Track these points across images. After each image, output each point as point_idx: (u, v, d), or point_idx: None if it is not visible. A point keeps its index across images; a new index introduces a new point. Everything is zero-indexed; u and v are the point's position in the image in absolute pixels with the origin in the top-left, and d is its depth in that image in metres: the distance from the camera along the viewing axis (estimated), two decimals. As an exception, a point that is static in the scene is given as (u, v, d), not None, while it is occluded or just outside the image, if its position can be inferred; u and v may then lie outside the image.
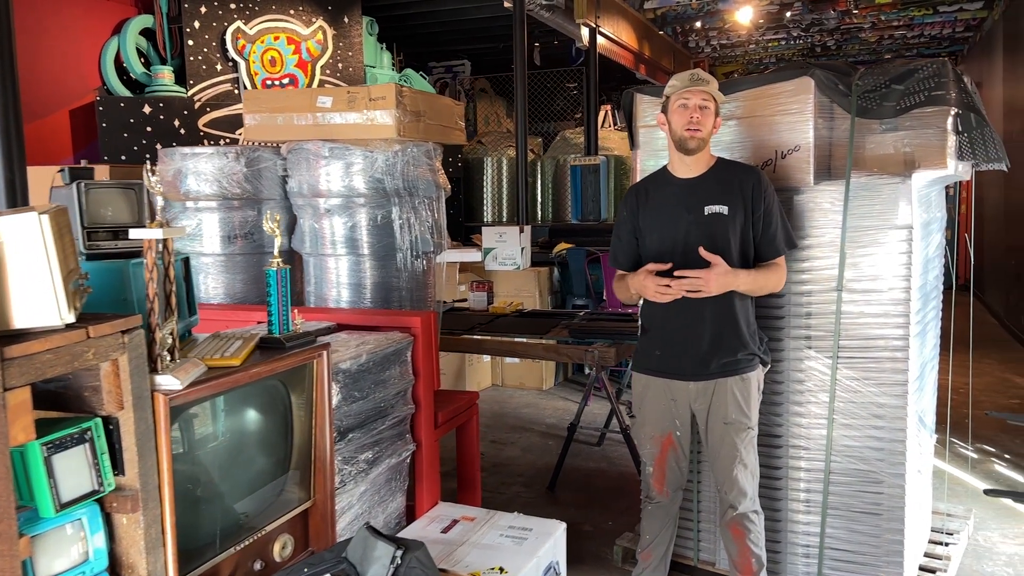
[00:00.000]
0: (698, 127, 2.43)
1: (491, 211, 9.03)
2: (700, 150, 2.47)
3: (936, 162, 2.59)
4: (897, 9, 9.65)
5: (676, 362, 2.54)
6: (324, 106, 2.68)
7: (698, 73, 2.48)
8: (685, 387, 2.53)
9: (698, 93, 2.44)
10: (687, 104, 2.44)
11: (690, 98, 2.44)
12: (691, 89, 2.44)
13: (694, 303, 2.49)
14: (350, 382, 2.24)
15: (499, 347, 4.01)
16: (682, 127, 2.45)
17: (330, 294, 2.88)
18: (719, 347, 2.49)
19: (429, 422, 2.62)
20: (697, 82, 2.45)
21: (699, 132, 2.43)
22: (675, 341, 2.54)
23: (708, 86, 2.45)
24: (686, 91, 2.45)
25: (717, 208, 2.47)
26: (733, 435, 2.50)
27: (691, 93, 2.44)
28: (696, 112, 2.43)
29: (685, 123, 2.44)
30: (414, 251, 2.83)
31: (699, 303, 2.48)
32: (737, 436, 2.50)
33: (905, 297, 2.58)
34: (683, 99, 2.46)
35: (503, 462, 4.46)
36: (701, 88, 2.44)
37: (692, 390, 2.53)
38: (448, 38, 9.53)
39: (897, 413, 2.63)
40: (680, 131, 2.46)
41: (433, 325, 2.61)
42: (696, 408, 2.55)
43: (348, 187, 2.79)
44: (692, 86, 2.44)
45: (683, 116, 2.45)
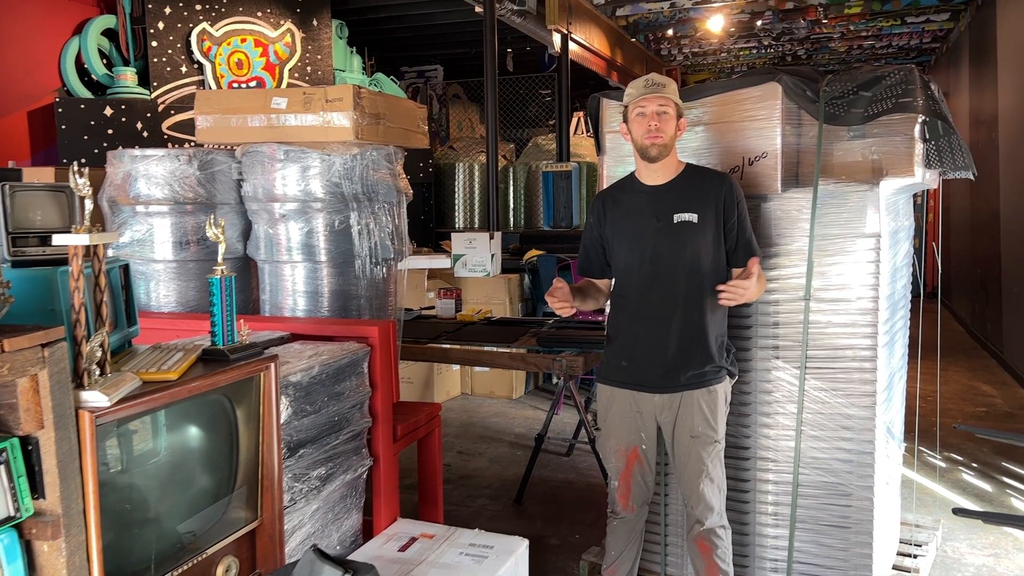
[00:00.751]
0: (658, 134, 2.36)
1: (463, 217, 8.95)
2: (663, 156, 2.41)
3: (904, 170, 2.55)
4: (866, 19, 9.74)
5: (642, 374, 2.47)
6: (279, 107, 2.58)
7: (652, 78, 2.42)
8: (651, 399, 2.47)
9: (654, 99, 2.37)
10: (644, 112, 2.38)
11: (647, 105, 2.38)
12: (647, 96, 2.38)
13: (662, 313, 2.43)
14: (301, 395, 2.14)
15: (466, 356, 3.92)
16: (642, 136, 2.39)
17: (286, 302, 2.78)
18: (686, 359, 2.43)
19: (387, 436, 2.53)
20: (652, 88, 2.38)
21: (659, 139, 2.37)
22: (641, 352, 2.48)
23: (664, 90, 2.38)
24: (642, 99, 2.39)
25: (687, 216, 2.41)
26: (699, 449, 2.44)
27: (647, 100, 2.38)
28: (654, 119, 2.37)
29: (644, 131, 2.38)
30: (373, 258, 2.73)
31: (667, 313, 2.42)
32: (703, 450, 2.44)
33: (873, 307, 2.54)
34: (640, 107, 2.40)
35: (470, 474, 4.37)
36: (657, 94, 2.37)
37: (658, 402, 2.46)
38: (420, 43, 9.45)
39: (865, 424, 2.58)
40: (641, 140, 2.40)
41: (392, 335, 2.53)
42: (662, 421, 2.49)
43: (304, 191, 2.69)
44: (648, 93, 2.38)
45: (642, 124, 2.39)
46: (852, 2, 8.76)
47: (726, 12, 9.14)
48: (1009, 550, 3.33)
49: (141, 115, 5.98)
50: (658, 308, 2.44)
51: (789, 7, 8.94)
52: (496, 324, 4.44)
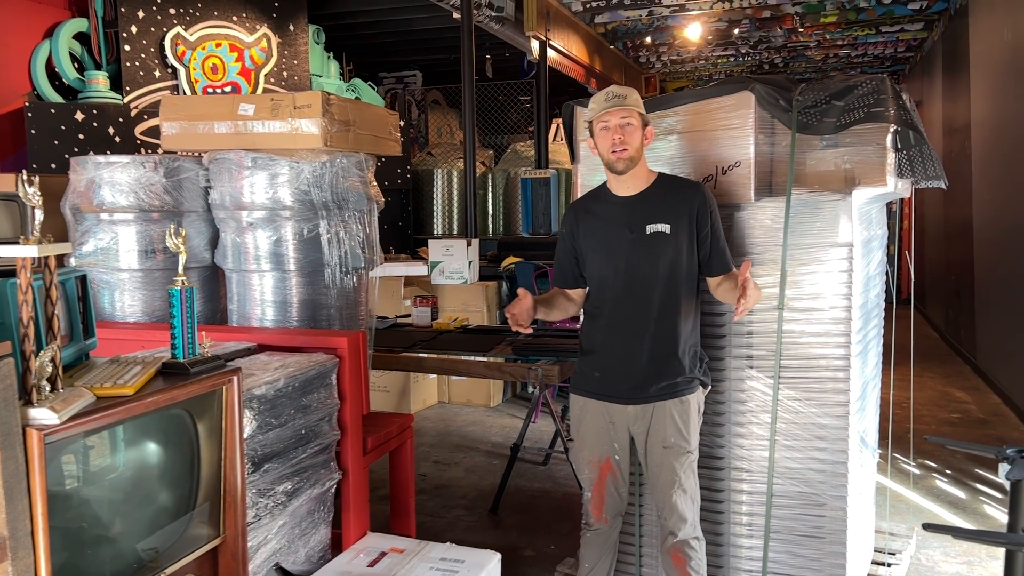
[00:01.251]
0: (623, 147, 2.34)
1: (441, 223, 8.91)
2: (631, 168, 2.39)
3: (876, 179, 2.55)
4: (841, 28, 9.84)
5: (615, 385, 2.45)
6: (246, 114, 2.53)
7: (613, 90, 2.39)
8: (623, 410, 2.45)
9: (616, 112, 2.35)
10: (608, 126, 2.37)
11: (609, 119, 2.36)
12: (609, 110, 2.36)
13: (635, 324, 2.41)
14: (266, 409, 2.10)
15: (441, 366, 3.89)
16: (607, 150, 2.38)
17: (254, 312, 2.73)
18: (659, 370, 2.41)
19: (357, 448, 2.49)
20: (613, 101, 2.36)
21: (625, 152, 2.35)
22: (614, 364, 2.46)
23: (626, 101, 2.36)
24: (604, 113, 2.37)
25: (659, 227, 2.39)
26: (672, 459, 2.42)
27: (609, 114, 2.36)
28: (618, 132, 2.35)
29: (609, 146, 2.36)
30: (343, 267, 2.69)
31: (641, 324, 2.41)
32: (676, 460, 2.42)
33: (846, 316, 2.53)
34: (603, 122, 2.38)
35: (445, 483, 4.32)
36: (619, 106, 2.35)
37: (631, 413, 2.44)
38: (399, 48, 9.41)
39: (839, 434, 2.57)
40: (607, 154, 2.39)
41: (362, 345, 2.48)
42: (635, 431, 2.47)
43: (273, 199, 2.64)
44: (609, 107, 2.36)
45: (606, 139, 2.37)
46: (828, 11, 8.84)
47: (704, 20, 9.19)
48: (983, 558, 3.34)
49: (113, 120, 5.89)
50: (632, 319, 2.42)
51: (766, 16, 9.01)
52: (472, 332, 4.40)
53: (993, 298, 6.48)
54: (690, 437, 2.44)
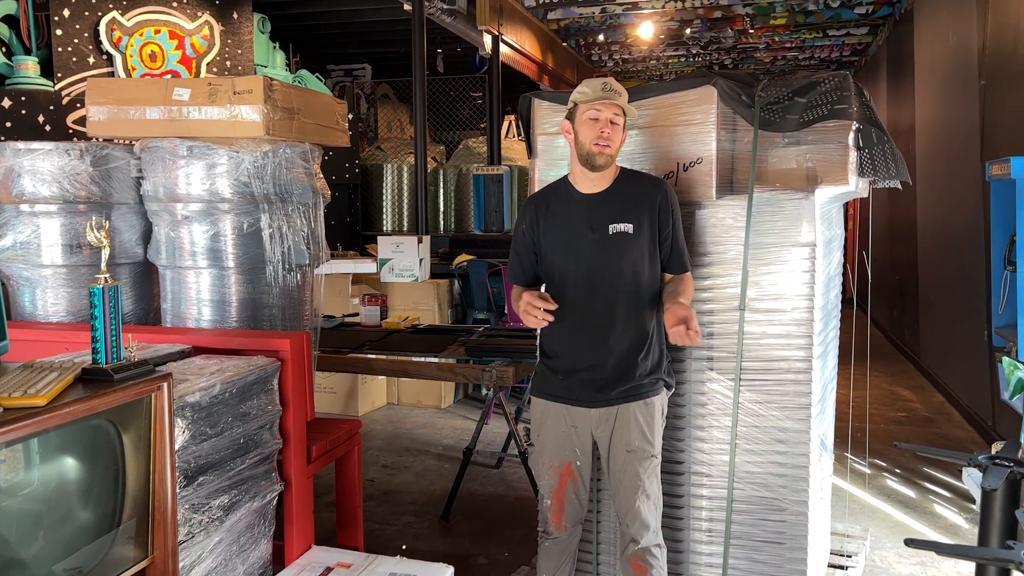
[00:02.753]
0: (608, 143, 2.25)
1: (391, 220, 8.73)
2: (607, 166, 2.30)
3: (838, 178, 2.51)
4: (790, 31, 9.96)
5: (578, 388, 2.36)
6: (181, 99, 2.35)
7: (611, 83, 2.28)
8: (586, 414, 2.36)
9: (610, 106, 2.25)
10: (598, 117, 2.26)
11: (602, 111, 2.25)
12: (604, 102, 2.25)
13: (599, 327, 2.33)
14: (201, 417, 1.94)
15: (390, 367, 3.75)
16: (591, 141, 2.26)
17: (189, 312, 2.54)
18: (623, 372, 2.33)
19: (300, 457, 2.34)
20: (611, 93, 2.25)
21: (608, 148, 2.26)
22: (577, 366, 2.36)
23: (620, 99, 2.27)
24: (599, 103, 2.26)
25: (622, 226, 2.30)
26: (636, 464, 2.34)
27: (603, 106, 2.25)
28: (607, 127, 2.25)
29: (595, 137, 2.25)
30: (286, 264, 2.53)
31: (604, 327, 2.32)
32: (640, 465, 2.34)
33: (808, 317, 2.48)
34: (595, 110, 2.26)
35: (395, 488, 4.18)
36: (614, 101, 2.25)
37: (594, 416, 2.36)
38: (347, 40, 9.19)
39: (800, 438, 2.52)
40: (589, 145, 2.27)
41: (306, 348, 2.33)
42: (598, 435, 2.38)
43: (210, 191, 2.47)
44: (604, 98, 2.25)
45: (593, 129, 2.26)
46: (778, 13, 8.93)
47: (656, 19, 9.20)
48: (935, 558, 3.34)
49: (43, 108, 5.57)
50: (595, 322, 2.33)
51: (717, 16, 9.06)
52: (423, 332, 4.26)
53: (936, 298, 6.60)
54: (654, 440, 2.36)
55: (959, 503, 3.94)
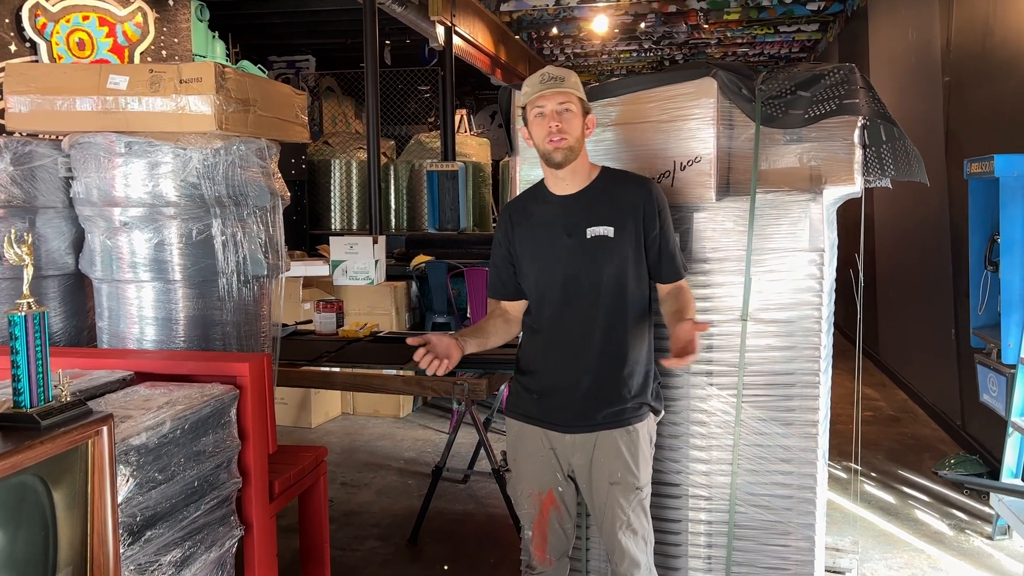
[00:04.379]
0: (562, 135, 2.02)
1: (340, 218, 8.38)
2: (570, 161, 2.06)
3: (844, 178, 2.34)
4: (742, 27, 9.94)
5: (554, 411, 2.14)
6: (118, 88, 2.04)
7: (549, 71, 2.07)
8: (563, 439, 2.14)
9: (553, 96, 2.03)
10: (544, 111, 2.04)
11: (545, 104, 2.04)
12: (544, 93, 2.03)
13: (577, 342, 2.11)
14: (148, 462, 1.65)
15: (352, 381, 3.47)
16: (544, 139, 2.05)
17: (130, 332, 2.23)
18: (604, 394, 2.10)
19: (262, 496, 2.06)
20: (550, 83, 2.03)
21: (564, 141, 2.02)
22: (554, 386, 2.14)
23: (564, 84, 2.04)
24: (539, 97, 2.04)
25: (602, 230, 2.07)
26: (619, 496, 2.11)
27: (545, 98, 2.04)
28: (555, 119, 2.02)
29: (545, 135, 2.04)
30: (241, 275, 2.23)
31: (583, 342, 2.10)
32: (624, 498, 2.11)
33: (816, 328, 2.31)
34: (538, 107, 2.05)
35: (356, 509, 3.90)
36: (556, 88, 2.03)
37: (569, 443, 2.13)
38: (290, 30, 8.79)
39: (807, 457, 2.36)
40: (542, 144, 2.06)
41: (267, 371, 2.05)
42: (575, 464, 2.15)
43: (153, 193, 2.15)
44: (545, 89, 2.03)
45: (542, 127, 2.05)
46: (731, 8, 8.87)
47: (610, 13, 9.05)
48: (925, 569, 3.24)
49: (-43, 98, 5.08)
50: (573, 336, 2.11)
51: (672, 11, 8.96)
52: (385, 341, 3.98)
53: (894, 296, 6.61)
54: (639, 472, 2.13)
55: (939, 508, 3.87)
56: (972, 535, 3.55)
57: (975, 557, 3.34)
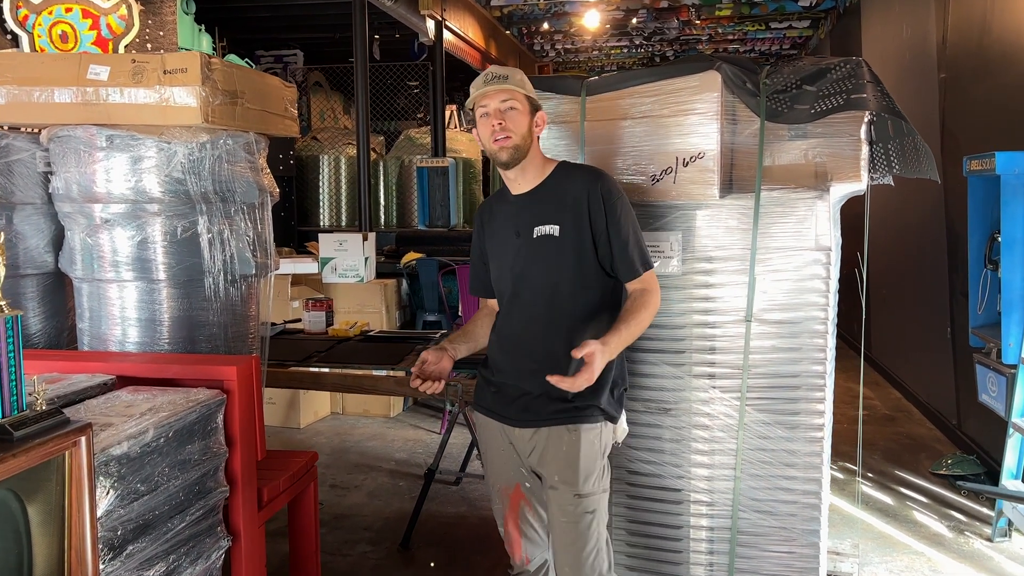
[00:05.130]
0: (506, 134, 1.96)
1: (328, 214, 8.26)
2: (518, 160, 2.00)
3: (851, 175, 2.28)
4: (734, 23, 9.89)
5: (506, 404, 2.09)
6: (98, 79, 1.95)
7: (492, 70, 2.02)
8: (517, 434, 2.07)
9: (495, 95, 1.98)
10: (487, 110, 1.99)
11: (488, 103, 1.98)
12: (487, 92, 1.98)
13: (524, 339, 2.06)
14: (130, 472, 1.56)
15: (342, 382, 3.39)
16: (489, 139, 1.99)
17: (112, 333, 2.14)
18: (545, 391, 1.98)
19: (251, 505, 1.98)
20: (492, 81, 1.98)
21: (508, 140, 1.96)
22: (506, 380, 2.09)
23: (508, 82, 1.98)
24: (482, 97, 1.99)
25: (547, 229, 2.01)
26: (559, 501, 2.00)
27: (488, 98, 1.98)
28: (498, 118, 1.97)
29: (490, 134, 1.98)
30: (228, 275, 2.15)
31: (529, 340, 2.04)
32: (562, 504, 1.99)
33: (823, 329, 2.25)
34: (481, 107, 2.00)
35: (346, 512, 3.81)
36: (499, 86, 1.97)
37: (521, 438, 2.06)
38: (278, 24, 8.67)
39: (812, 461, 2.30)
40: (488, 144, 2.00)
41: (255, 374, 1.97)
42: (532, 463, 2.07)
43: (136, 189, 2.06)
44: (488, 87, 1.98)
45: (486, 127, 1.99)
46: (724, 4, 8.82)
47: (601, 8, 8.98)
48: (926, 572, 3.20)
49: (-67, 90, 4.94)
50: (521, 334, 2.07)
51: (663, 6, 8.89)
52: (375, 340, 3.90)
53: (888, 293, 6.58)
54: (579, 477, 1.98)
55: (937, 509, 3.82)
56: (971, 537, 3.51)
57: (975, 560, 3.30)
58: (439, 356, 2.08)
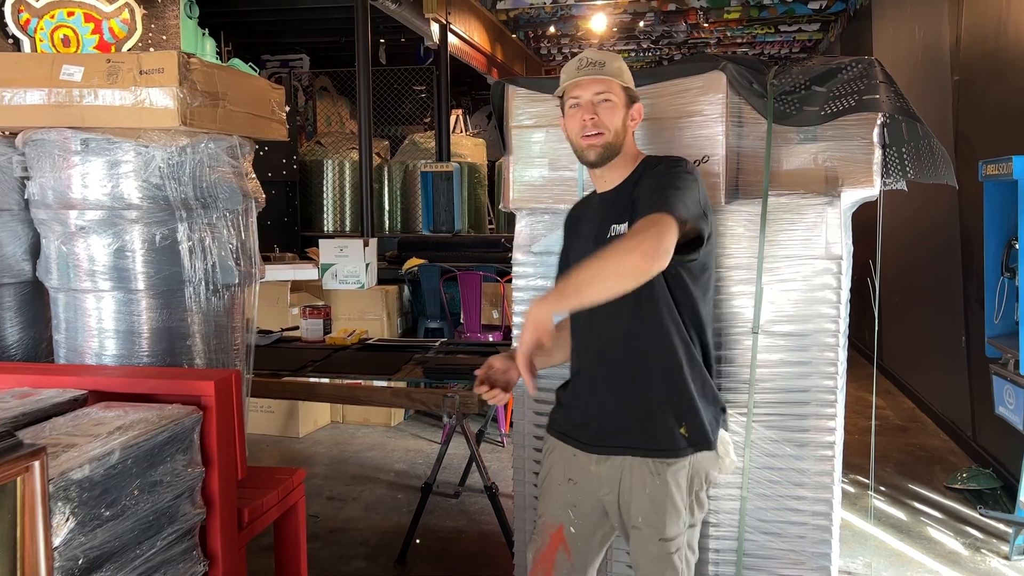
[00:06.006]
0: (597, 130, 1.79)
1: (332, 219, 8.20)
2: (607, 160, 1.83)
3: (862, 180, 2.16)
4: (742, 26, 9.78)
5: (578, 426, 1.89)
6: (71, 79, 1.87)
7: (588, 55, 1.82)
8: (588, 466, 1.88)
9: (590, 83, 1.79)
10: (579, 102, 1.81)
11: (581, 94, 1.81)
12: (580, 80, 1.80)
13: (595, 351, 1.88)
14: (93, 497, 1.47)
15: (337, 393, 3.29)
16: (576, 135, 1.83)
17: (89, 345, 2.05)
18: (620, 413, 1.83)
19: (230, 526, 1.88)
20: (587, 68, 1.79)
21: (599, 137, 1.79)
22: (576, 399, 1.91)
23: (604, 69, 1.79)
24: (574, 85, 1.81)
25: (620, 227, 1.80)
26: (643, 545, 1.81)
27: (581, 87, 1.80)
28: (589, 111, 1.79)
29: (578, 130, 1.81)
30: (210, 284, 2.06)
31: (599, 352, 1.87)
32: (645, 548, 1.81)
33: (834, 342, 2.14)
34: (573, 97, 1.82)
35: (342, 526, 3.72)
36: (594, 76, 1.79)
37: (595, 471, 1.87)
38: (284, 29, 8.63)
39: (822, 481, 2.18)
40: (576, 140, 1.84)
41: (236, 389, 1.87)
42: (604, 499, 1.87)
43: (112, 195, 1.97)
44: (581, 76, 1.79)
45: (575, 121, 1.82)
46: (732, 7, 8.71)
47: (608, 11, 8.88)
48: (941, 593, 3.07)
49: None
50: (591, 347, 1.90)
51: (671, 9, 8.79)
52: (373, 349, 3.80)
53: (900, 300, 6.44)
54: (666, 520, 1.79)
55: (952, 525, 3.69)
56: (988, 555, 3.38)
57: (993, 580, 3.17)
58: (507, 364, 1.85)
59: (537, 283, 2.41)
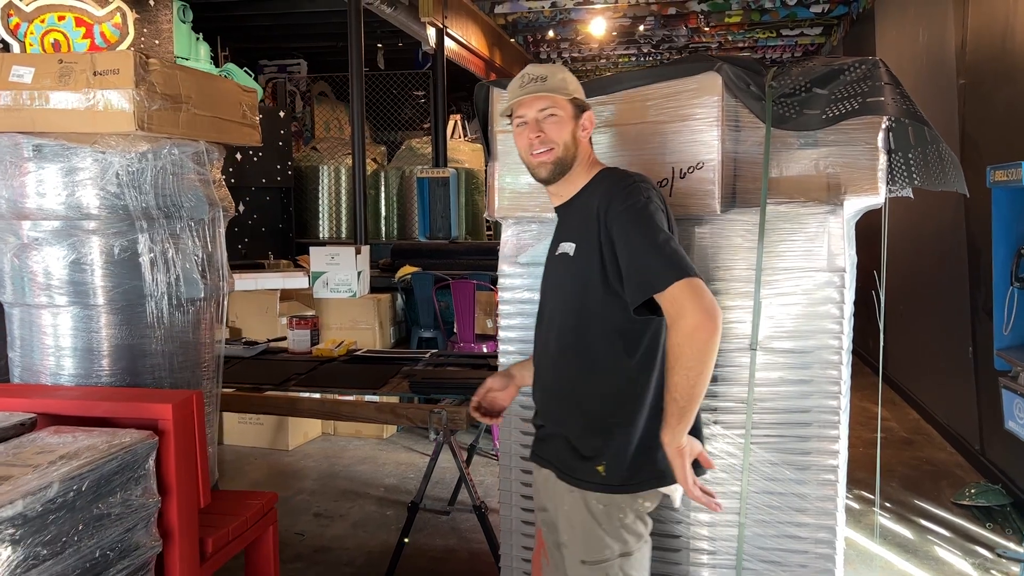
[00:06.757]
0: (545, 147, 1.71)
1: (328, 226, 8.09)
2: (560, 175, 1.75)
3: (866, 187, 2.04)
4: (744, 30, 9.67)
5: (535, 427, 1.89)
6: (21, 80, 1.76)
7: (530, 71, 1.75)
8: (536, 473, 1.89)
9: (533, 101, 1.72)
10: (525, 120, 1.74)
11: (526, 112, 1.74)
12: (523, 98, 1.72)
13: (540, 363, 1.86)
14: (28, 534, 1.35)
15: (320, 408, 3.16)
16: (526, 153, 1.75)
17: (45, 364, 1.93)
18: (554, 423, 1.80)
19: (190, 558, 1.75)
20: (529, 85, 1.71)
21: (549, 153, 1.72)
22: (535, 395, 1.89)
23: (546, 84, 1.71)
24: (519, 104, 1.74)
25: (566, 247, 1.76)
26: (573, 566, 1.75)
27: (525, 105, 1.73)
28: (535, 130, 1.72)
29: (527, 148, 1.74)
30: (173, 298, 1.94)
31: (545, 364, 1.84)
32: (575, 568, 1.74)
33: (837, 359, 2.01)
34: (518, 117, 1.75)
35: (328, 544, 3.59)
36: (537, 92, 1.71)
37: (536, 479, 1.89)
38: (281, 33, 8.53)
39: (825, 506, 2.06)
40: (527, 159, 1.76)
41: (197, 411, 1.75)
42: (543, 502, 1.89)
43: (68, 204, 1.86)
44: (523, 94, 1.72)
45: (523, 140, 1.75)
46: (733, 11, 8.60)
47: (608, 15, 8.78)
48: (951, 619, 2.93)
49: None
50: (538, 359, 1.88)
51: (671, 13, 8.69)
52: (361, 361, 3.68)
53: (904, 309, 6.30)
54: (584, 544, 1.71)
55: (960, 544, 3.56)
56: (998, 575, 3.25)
57: (1005, 603, 3.04)
58: (505, 383, 1.89)
59: (524, 295, 2.29)
